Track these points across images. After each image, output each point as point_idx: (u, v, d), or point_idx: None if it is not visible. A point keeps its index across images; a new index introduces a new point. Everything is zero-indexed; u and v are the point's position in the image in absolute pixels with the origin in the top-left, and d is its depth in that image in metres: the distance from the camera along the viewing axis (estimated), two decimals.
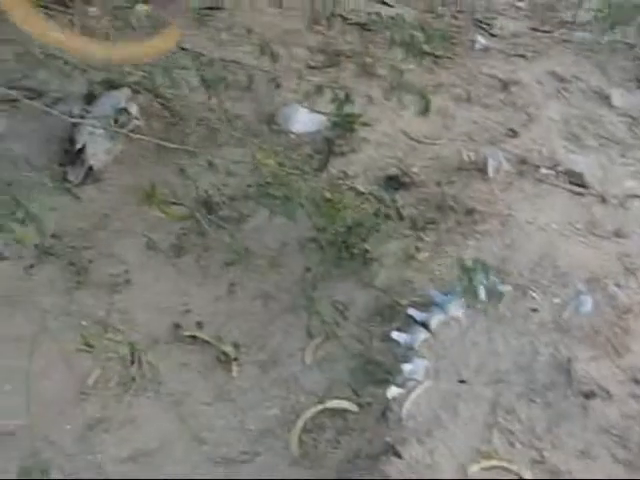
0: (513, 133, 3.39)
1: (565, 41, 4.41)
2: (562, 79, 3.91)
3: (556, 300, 2.49)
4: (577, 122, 3.51)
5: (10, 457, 2.20)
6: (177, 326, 2.63)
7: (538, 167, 3.12)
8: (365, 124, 3.32)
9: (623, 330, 2.37)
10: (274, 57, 3.37)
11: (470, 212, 2.90)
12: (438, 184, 3.07)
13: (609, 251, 2.71)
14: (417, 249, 2.79)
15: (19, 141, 3.27)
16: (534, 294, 2.51)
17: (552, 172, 3.10)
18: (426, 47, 3.66)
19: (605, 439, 2.04)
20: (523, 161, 3.17)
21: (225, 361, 2.52)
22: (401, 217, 2.89)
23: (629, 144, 3.39)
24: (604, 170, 3.12)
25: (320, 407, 2.35)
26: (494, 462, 2.00)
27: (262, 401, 2.42)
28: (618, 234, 2.80)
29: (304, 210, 2.74)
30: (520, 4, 5.01)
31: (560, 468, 1.96)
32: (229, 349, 2.54)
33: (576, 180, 3.06)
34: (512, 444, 2.07)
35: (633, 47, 4.25)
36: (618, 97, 3.74)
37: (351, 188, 3.09)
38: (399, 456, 2.05)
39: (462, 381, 2.29)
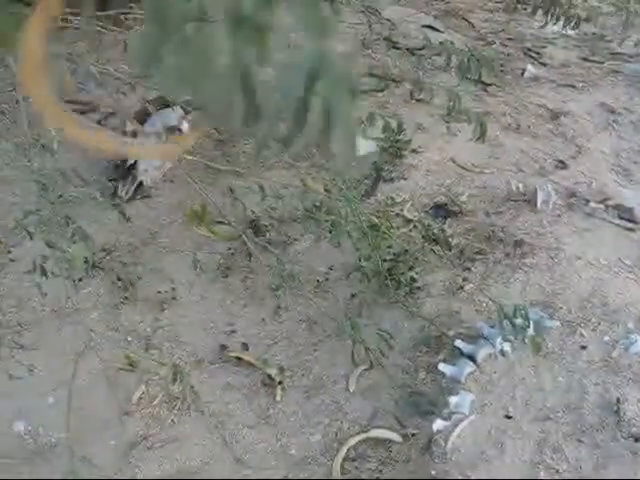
0: (562, 165, 3.36)
1: (615, 72, 4.38)
2: (612, 111, 3.88)
3: (605, 338, 2.46)
4: (627, 155, 3.47)
5: (51, 470, 2.23)
6: (222, 347, 2.64)
7: (588, 201, 3.09)
8: (414, 151, 3.32)
9: None
10: None
11: (518, 244, 2.87)
12: (486, 214, 3.05)
13: None
14: (464, 280, 2.77)
15: (70, 155, 3.32)
16: (583, 331, 2.48)
17: (601, 206, 3.07)
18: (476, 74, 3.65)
19: None
20: (572, 194, 3.15)
21: (269, 384, 2.52)
22: (449, 247, 2.87)
23: None
24: None
25: (364, 436, 2.33)
26: None
27: (305, 427, 2.41)
28: None
29: (350, 237, 2.74)
30: (570, 33, 4.99)
31: None
32: (274, 372, 2.54)
33: (626, 215, 3.02)
34: None
35: None
36: None
37: (398, 215, 3.09)
38: None
39: (509, 417, 2.27)
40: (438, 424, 2.25)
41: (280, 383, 2.51)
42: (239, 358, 2.60)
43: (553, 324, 2.50)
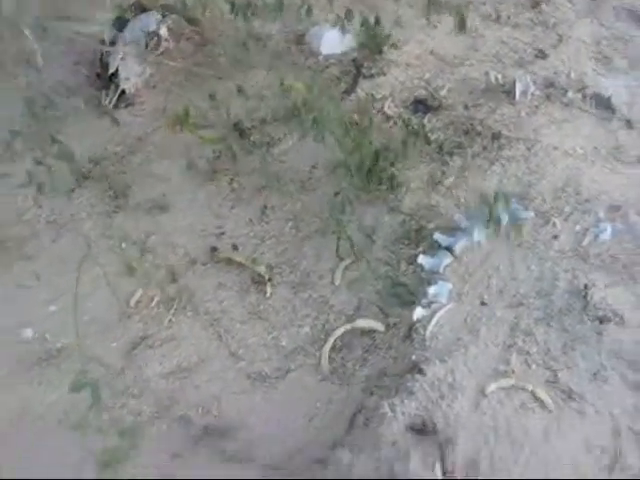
0: (542, 54, 3.37)
1: None
2: None
3: (577, 227, 2.57)
4: (608, 43, 3.47)
5: (61, 374, 2.39)
6: (213, 248, 2.77)
7: (566, 90, 3.13)
8: (394, 45, 3.33)
9: None
10: None
11: (496, 137, 2.94)
12: (465, 107, 3.10)
13: (633, 179, 2.75)
14: (443, 174, 2.86)
15: (51, 65, 3.33)
16: (556, 220, 2.59)
17: (579, 95, 3.12)
18: None
19: (617, 363, 2.16)
20: (551, 84, 3.18)
21: (259, 282, 2.67)
22: (428, 141, 2.94)
23: None
24: (632, 95, 3.13)
25: (349, 326, 2.49)
26: (511, 381, 2.13)
27: (294, 320, 2.57)
28: None
29: (333, 134, 2.81)
30: None
31: (573, 389, 2.10)
32: (263, 270, 2.67)
33: (603, 104, 3.08)
34: (529, 365, 2.20)
35: None
36: None
37: (379, 111, 3.14)
38: (423, 374, 2.20)
39: (484, 303, 2.42)
40: (418, 313, 2.41)
41: (269, 280, 2.66)
42: (229, 259, 2.73)
43: (528, 215, 2.61)
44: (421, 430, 2.04)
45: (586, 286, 2.36)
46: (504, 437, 1.99)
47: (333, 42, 3.41)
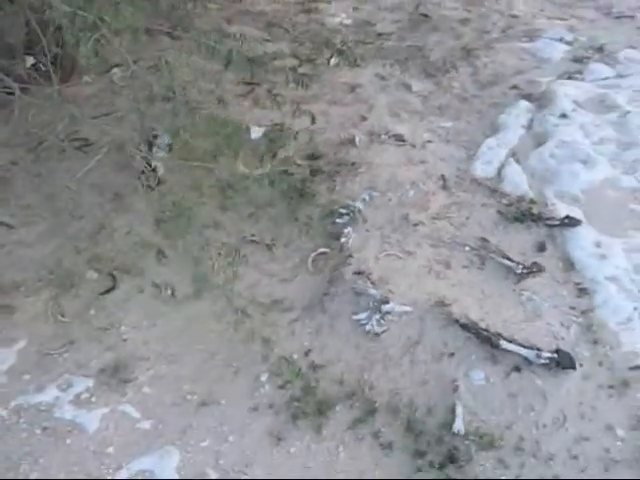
0: (363, 118, 6.30)
1: (380, 49, 7.33)
2: (383, 78, 6.85)
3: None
4: (396, 105, 6.46)
5: None
6: None
7: (380, 135, 6.05)
8: None
9: None
10: None
11: (353, 164, 5.77)
12: (335, 153, 5.92)
13: (419, 168, 5.66)
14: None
15: None
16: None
17: (387, 136, 6.04)
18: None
19: None
20: (372, 133, 6.09)
21: None
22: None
23: (424, 113, 6.39)
24: (412, 130, 6.10)
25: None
26: None
27: None
28: (422, 162, 5.77)
29: None
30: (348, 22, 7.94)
31: None
32: None
33: (399, 138, 6.01)
34: None
35: (422, 48, 7.23)
36: (415, 85, 6.75)
37: None
38: None
39: None
40: None
41: None
42: None
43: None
44: None
45: None
46: None
47: None
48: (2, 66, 5.24)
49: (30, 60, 5.55)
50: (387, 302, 4.45)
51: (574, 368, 4.10)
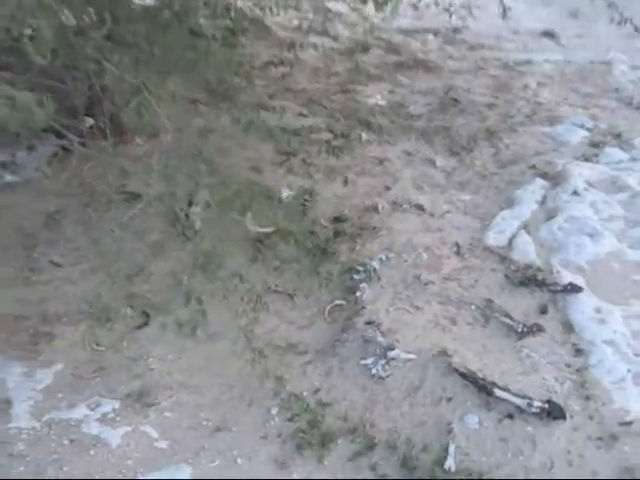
0: (388, 188, 6.79)
1: (410, 128, 7.88)
2: (410, 154, 7.37)
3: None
4: (420, 178, 6.95)
5: None
6: None
7: (402, 205, 6.51)
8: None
9: None
10: None
11: (374, 228, 6.22)
12: (359, 218, 6.38)
13: (436, 235, 6.08)
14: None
15: None
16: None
17: (408, 205, 6.49)
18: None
19: None
20: (395, 202, 6.55)
21: None
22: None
23: (445, 186, 6.86)
24: (433, 201, 6.55)
25: None
26: None
27: None
28: (439, 229, 6.19)
29: None
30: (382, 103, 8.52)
31: None
32: None
33: (420, 208, 6.46)
34: None
35: (448, 129, 7.77)
36: (440, 161, 7.25)
37: None
38: None
39: None
40: None
41: None
42: None
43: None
44: None
45: None
46: None
47: None
48: (65, 125, 5.88)
49: (90, 121, 6.18)
50: (393, 349, 4.80)
51: (564, 418, 4.36)
